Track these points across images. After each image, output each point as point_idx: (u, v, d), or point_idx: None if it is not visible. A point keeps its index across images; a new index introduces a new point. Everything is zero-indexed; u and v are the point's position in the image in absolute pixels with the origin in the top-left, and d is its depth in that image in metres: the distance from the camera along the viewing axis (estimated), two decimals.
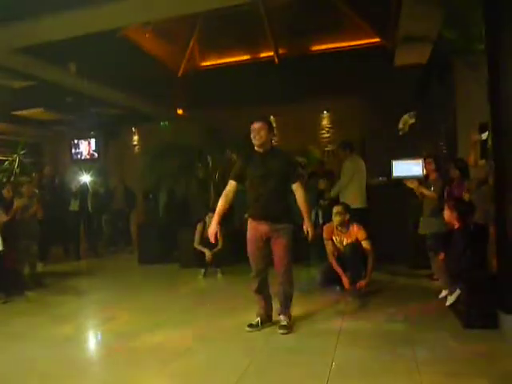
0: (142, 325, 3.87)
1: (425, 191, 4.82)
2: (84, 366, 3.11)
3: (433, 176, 4.96)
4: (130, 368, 2.95)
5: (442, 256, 3.98)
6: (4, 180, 6.30)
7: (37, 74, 6.81)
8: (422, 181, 4.89)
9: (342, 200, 5.46)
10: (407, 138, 6.51)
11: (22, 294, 5.10)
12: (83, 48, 6.18)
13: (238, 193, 3.59)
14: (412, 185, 4.78)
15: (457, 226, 3.92)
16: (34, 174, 7.22)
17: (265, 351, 3.16)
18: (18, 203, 5.25)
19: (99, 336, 3.91)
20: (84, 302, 5.13)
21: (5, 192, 5.49)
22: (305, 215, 3.54)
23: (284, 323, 3.50)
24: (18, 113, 9.26)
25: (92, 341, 3.89)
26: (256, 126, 3.46)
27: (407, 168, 6.41)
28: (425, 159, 4.87)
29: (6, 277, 5.08)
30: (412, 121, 6.29)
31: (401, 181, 4.89)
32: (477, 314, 3.35)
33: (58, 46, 5.61)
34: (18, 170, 6.77)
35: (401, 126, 6.35)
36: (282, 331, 3.43)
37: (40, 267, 6.18)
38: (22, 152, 7.03)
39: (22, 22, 4.76)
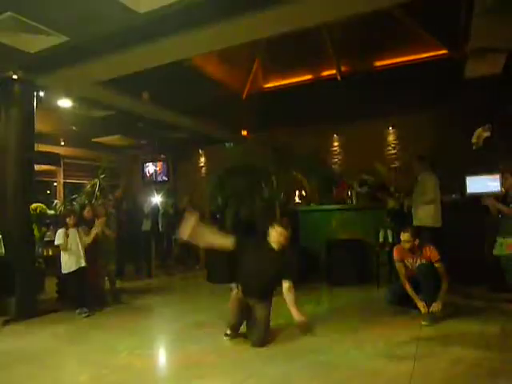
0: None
1: (503, 208, 4.53)
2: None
3: None
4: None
5: None
6: (86, 202, 6.76)
7: (114, 103, 7.35)
8: (500, 197, 4.61)
9: (415, 218, 5.24)
10: (481, 152, 6.17)
11: (102, 309, 5.46)
12: (154, 77, 6.59)
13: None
14: (487, 202, 4.52)
15: None
16: (109, 196, 7.67)
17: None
18: (98, 225, 5.61)
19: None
20: (156, 318, 5.36)
21: (85, 213, 5.90)
22: None
23: None
24: (98, 140, 10.06)
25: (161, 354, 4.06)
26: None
27: (483, 184, 6.05)
28: (503, 174, 4.61)
29: (89, 292, 5.46)
30: (487, 134, 5.96)
31: (475, 197, 4.65)
32: None
33: (133, 76, 6.03)
34: (98, 193, 7.27)
35: (474, 140, 6.04)
36: None
37: (117, 284, 6.54)
38: (102, 176, 7.54)
39: (103, 58, 5.19)
